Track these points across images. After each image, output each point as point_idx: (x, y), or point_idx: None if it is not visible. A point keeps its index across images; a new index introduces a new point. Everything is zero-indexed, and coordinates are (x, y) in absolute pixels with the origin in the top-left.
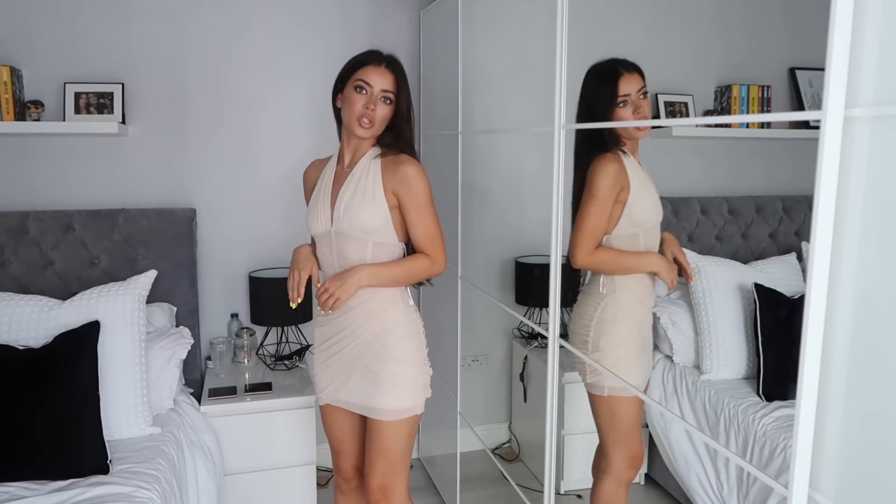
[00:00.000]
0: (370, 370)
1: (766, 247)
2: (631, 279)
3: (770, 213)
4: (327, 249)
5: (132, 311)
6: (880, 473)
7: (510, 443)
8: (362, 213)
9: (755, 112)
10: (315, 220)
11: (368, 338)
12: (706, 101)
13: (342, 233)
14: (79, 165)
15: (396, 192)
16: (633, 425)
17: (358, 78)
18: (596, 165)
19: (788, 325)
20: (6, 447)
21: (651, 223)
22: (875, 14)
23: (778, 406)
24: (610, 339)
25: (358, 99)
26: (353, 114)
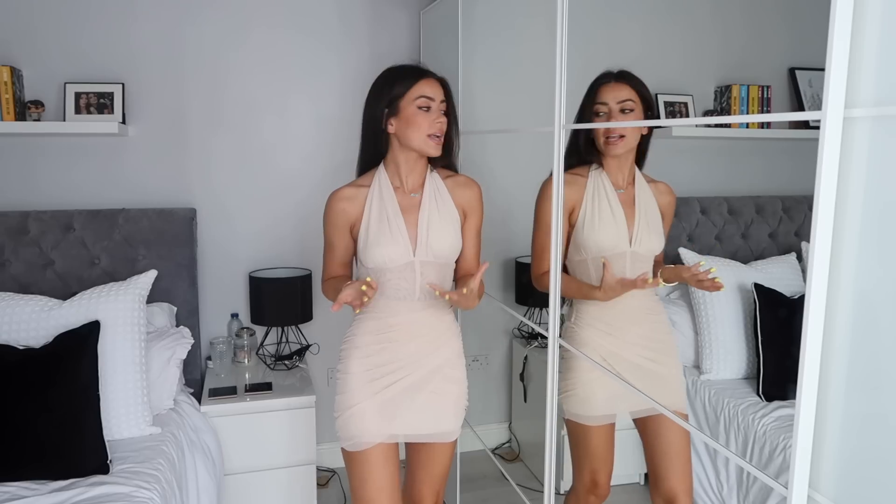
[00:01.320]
0: (437, 393)
1: (766, 247)
2: (591, 306)
3: (770, 213)
4: (407, 281)
5: (132, 311)
6: (880, 473)
7: (510, 443)
8: (449, 239)
9: (755, 112)
10: (391, 253)
11: (439, 362)
12: (706, 101)
13: (428, 262)
14: (79, 165)
15: (466, 211)
16: (585, 453)
17: (420, 95)
18: (542, 186)
19: (788, 325)
20: (6, 447)
21: (604, 252)
22: (875, 14)
23: (778, 406)
24: (570, 363)
25: (425, 117)
26: (422, 132)
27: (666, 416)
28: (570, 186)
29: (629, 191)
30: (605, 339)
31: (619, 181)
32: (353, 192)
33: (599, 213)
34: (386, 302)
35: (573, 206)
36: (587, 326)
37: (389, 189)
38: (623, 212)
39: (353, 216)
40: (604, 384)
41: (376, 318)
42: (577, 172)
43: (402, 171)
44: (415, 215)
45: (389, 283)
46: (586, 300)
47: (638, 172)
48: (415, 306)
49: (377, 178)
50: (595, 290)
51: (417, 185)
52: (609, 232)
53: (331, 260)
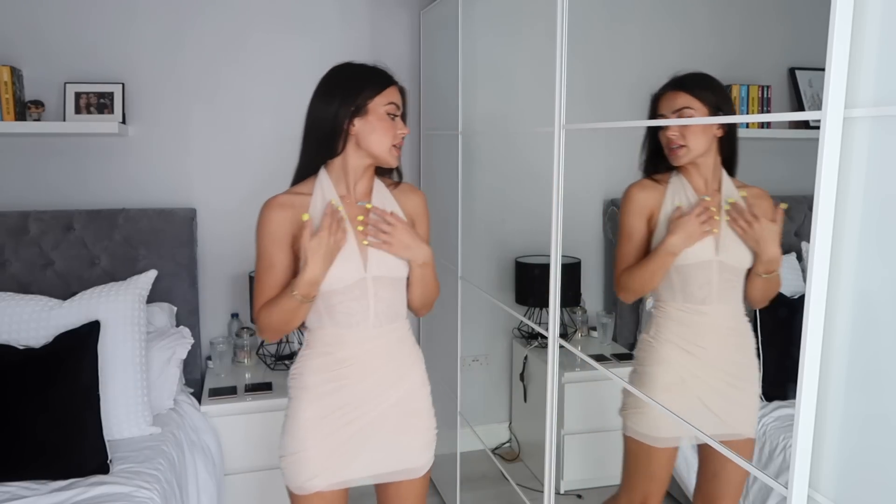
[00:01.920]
0: (400, 429)
1: None
2: (671, 321)
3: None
4: (358, 302)
5: (132, 310)
6: (880, 473)
7: (510, 443)
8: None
9: (755, 112)
10: (340, 271)
11: (400, 395)
12: None
13: (381, 277)
14: (79, 165)
15: (414, 219)
16: (643, 474)
17: (390, 101)
18: (624, 192)
19: (788, 325)
20: (6, 447)
21: (686, 260)
22: (875, 14)
23: (778, 406)
24: (642, 378)
25: (391, 125)
26: (387, 141)
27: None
28: (649, 191)
29: (715, 197)
30: (685, 357)
31: (701, 187)
32: (291, 199)
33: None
34: (335, 332)
35: (651, 211)
36: (666, 342)
37: (335, 197)
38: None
39: (294, 227)
40: (676, 406)
41: (325, 353)
42: (656, 178)
43: (350, 178)
44: (364, 226)
45: (338, 307)
46: (668, 314)
47: (726, 177)
48: (369, 334)
49: (319, 185)
50: (669, 238)
51: (364, 194)
52: (707, 242)
53: (267, 284)
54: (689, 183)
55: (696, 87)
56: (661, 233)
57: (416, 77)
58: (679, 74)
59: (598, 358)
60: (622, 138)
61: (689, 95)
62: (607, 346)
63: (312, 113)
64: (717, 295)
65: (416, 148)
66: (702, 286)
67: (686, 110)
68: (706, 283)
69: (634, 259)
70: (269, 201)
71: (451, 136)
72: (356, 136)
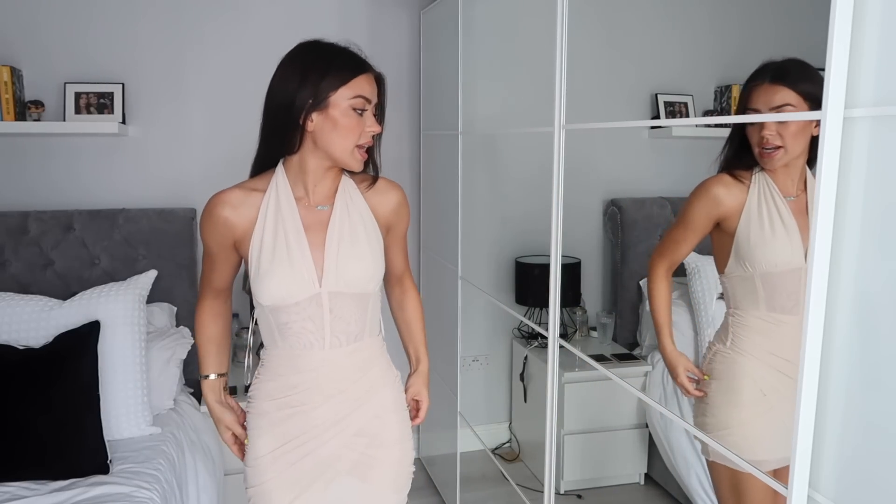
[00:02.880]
0: (364, 463)
1: None
2: (753, 332)
3: None
4: (312, 319)
5: (132, 310)
6: (880, 473)
7: (510, 443)
8: (365, 263)
9: None
10: (290, 285)
11: (362, 423)
12: (706, 101)
13: (338, 293)
14: (79, 165)
15: (388, 224)
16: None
17: (357, 94)
18: (702, 182)
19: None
20: (6, 447)
21: (776, 267)
22: (875, 14)
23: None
24: (721, 396)
25: (357, 123)
26: (350, 142)
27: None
28: (728, 190)
29: (801, 198)
30: (769, 371)
31: (788, 188)
32: (242, 196)
33: (770, 224)
34: (287, 351)
35: (730, 213)
36: (747, 354)
37: (290, 199)
38: (795, 222)
39: (240, 230)
40: (769, 423)
41: (276, 376)
42: (737, 176)
43: (308, 180)
44: (321, 234)
45: (290, 326)
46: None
47: (810, 176)
48: (324, 356)
49: (274, 183)
50: (664, 340)
51: (326, 197)
52: (781, 245)
53: (209, 274)
54: (775, 183)
55: (799, 81)
56: (743, 237)
57: (416, 77)
58: (775, 61)
59: (598, 358)
60: (622, 138)
61: (792, 91)
62: (607, 346)
63: (269, 99)
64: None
65: (416, 148)
66: (790, 295)
67: (786, 108)
68: (795, 290)
69: (682, 247)
70: (214, 197)
71: (451, 136)
72: (314, 133)
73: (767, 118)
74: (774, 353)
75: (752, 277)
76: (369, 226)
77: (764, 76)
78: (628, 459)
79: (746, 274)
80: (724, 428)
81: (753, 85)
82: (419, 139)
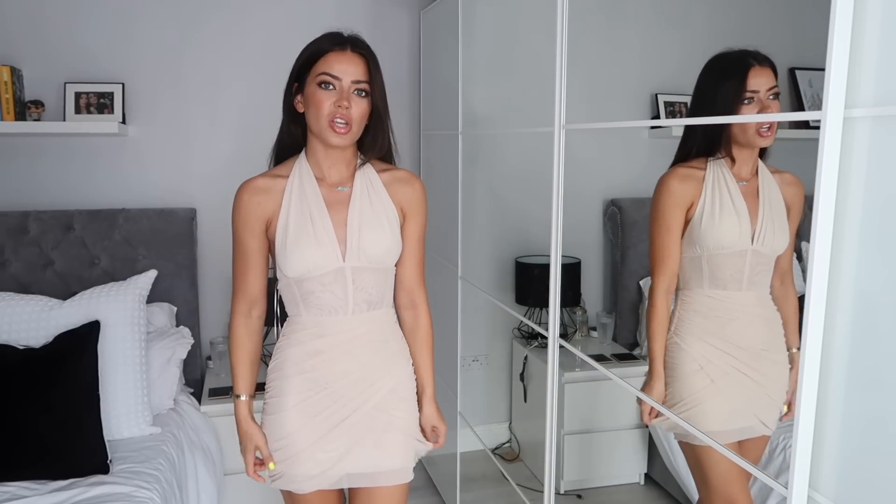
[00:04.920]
0: (381, 427)
1: None
2: (700, 298)
3: None
4: (337, 290)
5: (132, 310)
6: (880, 473)
7: (510, 443)
8: (386, 239)
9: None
10: (316, 257)
11: (383, 394)
12: None
13: (361, 267)
14: (79, 165)
15: (406, 212)
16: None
17: (321, 71)
18: (659, 182)
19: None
20: (6, 447)
21: (723, 248)
22: (875, 14)
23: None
24: (676, 369)
25: (325, 97)
26: (322, 116)
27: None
28: (687, 181)
29: (752, 182)
30: (707, 348)
31: (742, 173)
32: (269, 182)
33: (721, 206)
34: (312, 318)
35: (691, 201)
36: (687, 335)
37: (312, 180)
38: (746, 205)
39: (270, 211)
40: (715, 395)
41: (301, 341)
42: (692, 165)
43: (321, 161)
44: (343, 212)
45: (315, 296)
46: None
47: (761, 163)
48: (348, 323)
49: (297, 167)
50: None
51: (345, 178)
52: (730, 226)
53: (244, 272)
54: (729, 170)
55: (774, 67)
56: (696, 221)
57: (416, 77)
58: (749, 48)
59: (598, 358)
60: (622, 138)
61: (774, 76)
62: (607, 346)
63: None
64: (746, 282)
65: (417, 148)
66: (733, 274)
67: (775, 89)
68: (739, 272)
69: (673, 251)
70: (243, 184)
71: (451, 136)
72: (305, 114)
73: (767, 118)
74: (712, 333)
75: (700, 258)
76: (388, 208)
77: (751, 59)
78: (628, 459)
79: (695, 255)
80: (678, 402)
81: (749, 67)
82: (419, 139)
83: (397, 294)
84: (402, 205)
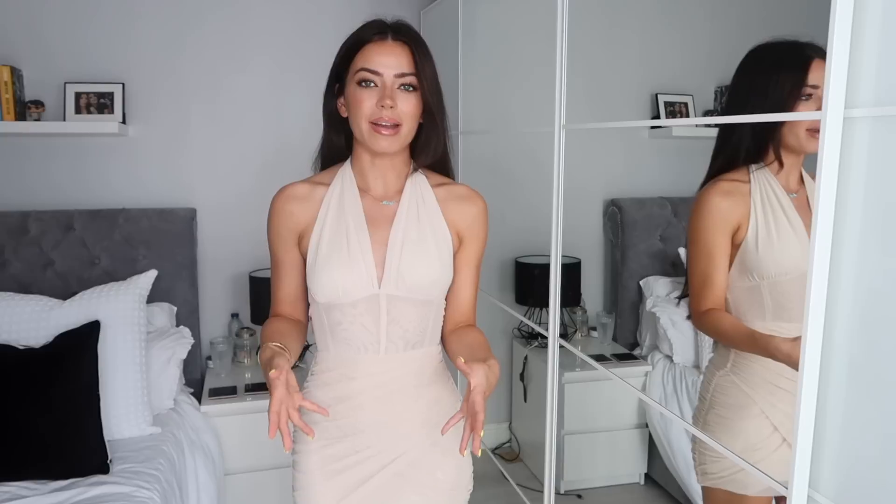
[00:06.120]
0: (426, 483)
1: None
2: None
3: None
4: (368, 323)
5: (132, 310)
6: (880, 473)
7: (510, 443)
8: (432, 267)
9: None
10: (346, 281)
11: (425, 447)
12: (706, 101)
13: (399, 297)
14: (79, 165)
15: (463, 235)
16: None
17: (360, 67)
18: (698, 198)
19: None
20: (6, 447)
21: (786, 274)
22: (875, 14)
23: None
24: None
25: (365, 96)
26: (363, 119)
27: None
28: (732, 197)
29: (801, 193)
30: (776, 392)
31: (790, 183)
32: (308, 190)
33: (776, 225)
34: (339, 356)
35: (738, 222)
36: (750, 376)
37: (354, 191)
38: (801, 221)
39: (304, 223)
40: (786, 443)
41: (327, 383)
42: (734, 178)
43: (366, 171)
44: (385, 230)
45: (343, 328)
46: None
47: (803, 171)
48: (379, 364)
49: (340, 175)
50: (782, 344)
51: (393, 192)
52: (791, 249)
53: (277, 283)
54: (776, 180)
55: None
56: (750, 245)
57: None
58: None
59: (598, 358)
60: (622, 138)
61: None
62: (607, 346)
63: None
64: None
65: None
66: (799, 302)
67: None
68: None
69: (718, 277)
70: (280, 192)
71: (452, 136)
72: (349, 120)
73: (766, 118)
74: (781, 373)
75: (759, 287)
76: (439, 230)
77: (812, 50)
78: (628, 459)
79: (752, 284)
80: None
81: (808, 59)
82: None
83: (446, 329)
84: (459, 227)
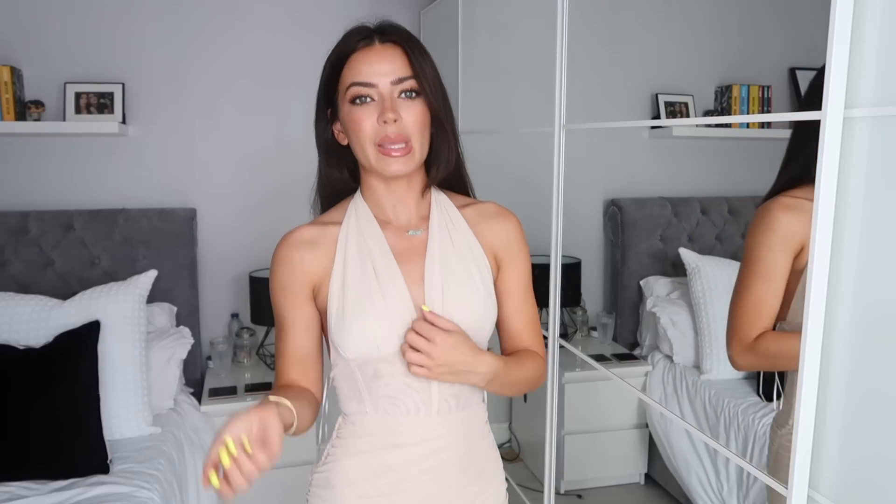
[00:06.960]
0: None
1: None
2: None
3: None
4: (414, 382)
5: (132, 310)
6: (880, 474)
7: (510, 443)
8: (476, 296)
9: (755, 112)
10: (386, 329)
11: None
12: (706, 101)
13: None
14: (79, 165)
15: (501, 257)
16: None
17: (349, 82)
18: (758, 214)
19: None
20: (6, 447)
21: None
22: (875, 14)
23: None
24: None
25: (363, 115)
26: (366, 142)
27: None
28: (796, 215)
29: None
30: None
31: None
32: (317, 232)
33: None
34: (381, 418)
35: (801, 243)
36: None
37: (373, 224)
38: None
39: (318, 271)
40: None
41: (362, 450)
42: (799, 195)
43: (383, 202)
44: (419, 264)
45: (384, 383)
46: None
47: None
48: (432, 428)
49: (352, 209)
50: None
51: (417, 219)
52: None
53: (282, 352)
54: None
55: None
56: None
57: None
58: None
59: (598, 358)
60: (622, 138)
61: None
62: (607, 346)
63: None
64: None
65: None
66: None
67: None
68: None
69: (771, 304)
70: (284, 238)
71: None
72: (350, 145)
73: (766, 118)
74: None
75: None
76: (478, 255)
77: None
78: (628, 459)
79: None
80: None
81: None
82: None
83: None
84: (496, 249)
